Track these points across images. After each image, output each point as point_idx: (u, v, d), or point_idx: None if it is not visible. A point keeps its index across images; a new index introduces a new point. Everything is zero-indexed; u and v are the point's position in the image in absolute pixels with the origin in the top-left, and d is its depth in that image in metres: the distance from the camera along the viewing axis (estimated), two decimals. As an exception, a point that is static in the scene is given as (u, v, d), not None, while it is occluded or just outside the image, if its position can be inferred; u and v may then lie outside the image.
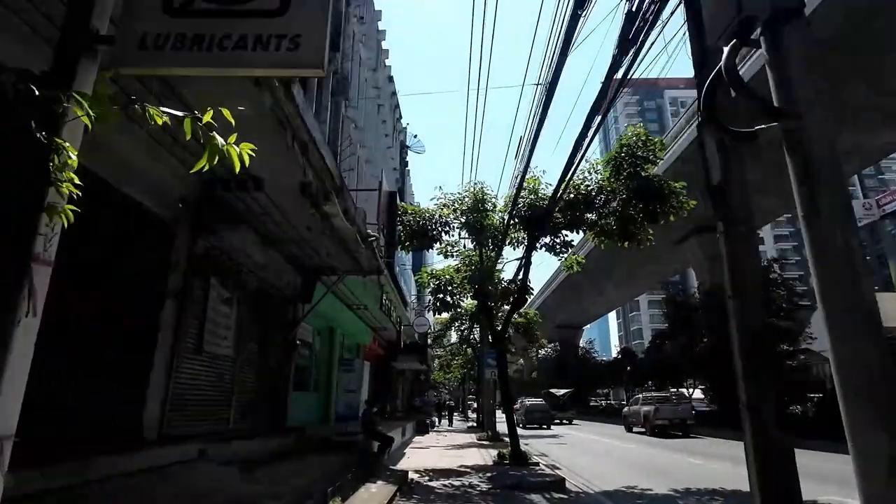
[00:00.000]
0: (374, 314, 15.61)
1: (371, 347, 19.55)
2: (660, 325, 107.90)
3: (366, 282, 11.39)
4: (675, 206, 11.82)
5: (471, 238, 12.98)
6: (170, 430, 6.02)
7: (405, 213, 12.14)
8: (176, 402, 6.16)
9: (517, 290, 12.43)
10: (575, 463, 12.73)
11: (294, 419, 10.65)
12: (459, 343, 29.54)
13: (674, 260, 34.57)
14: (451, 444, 16.91)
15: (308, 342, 12.67)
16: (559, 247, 13.18)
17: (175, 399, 6.13)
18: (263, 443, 8.30)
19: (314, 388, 12.73)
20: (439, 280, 12.85)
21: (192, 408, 6.58)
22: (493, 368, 18.65)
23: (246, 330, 8.34)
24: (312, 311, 12.04)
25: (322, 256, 9.36)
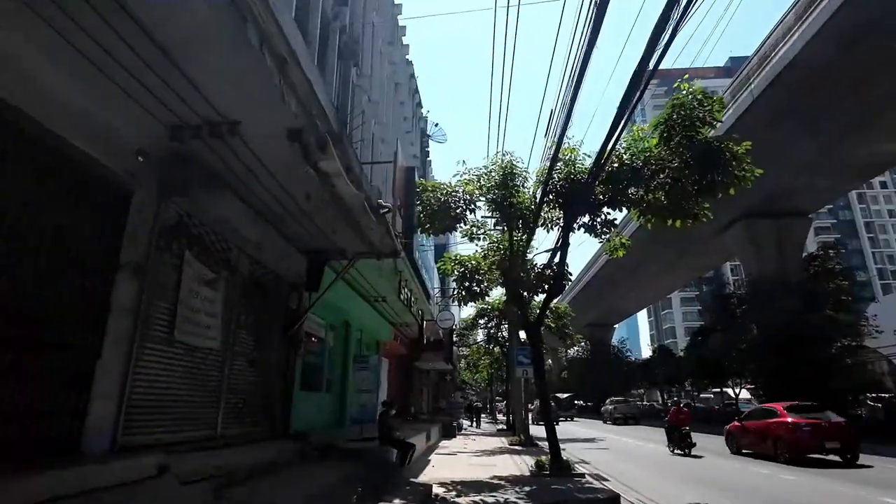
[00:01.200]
0: (394, 307, 14.29)
1: (391, 345, 18.25)
2: (693, 322, 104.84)
3: (381, 266, 10.05)
4: (738, 174, 10.14)
5: (499, 218, 11.52)
6: (129, 438, 4.77)
7: (424, 191, 10.77)
8: (137, 404, 4.90)
9: (553, 275, 10.92)
10: (622, 472, 11.15)
11: (302, 423, 9.39)
12: (486, 341, 28.02)
13: (715, 250, 32.30)
14: (480, 449, 15.47)
15: (319, 337, 11.42)
16: (600, 227, 11.62)
17: (136, 400, 4.88)
18: (258, 451, 7.02)
19: (327, 388, 11.47)
20: (465, 267, 11.43)
21: (162, 411, 5.32)
22: (524, 367, 17.14)
23: (238, 319, 7.09)
24: (323, 303, 10.77)
25: (328, 235, 8.04)
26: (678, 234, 31.65)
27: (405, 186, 11.03)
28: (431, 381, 35.93)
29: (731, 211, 26.29)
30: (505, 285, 11.34)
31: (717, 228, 28.35)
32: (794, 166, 20.98)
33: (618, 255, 12.11)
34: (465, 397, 54.77)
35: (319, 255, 9.13)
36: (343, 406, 11.21)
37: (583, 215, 11.38)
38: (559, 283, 10.77)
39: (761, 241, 25.97)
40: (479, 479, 9.09)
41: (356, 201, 6.72)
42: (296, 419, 8.91)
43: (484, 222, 11.65)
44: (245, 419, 7.21)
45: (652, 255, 34.72)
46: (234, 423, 6.93)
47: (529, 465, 10.66)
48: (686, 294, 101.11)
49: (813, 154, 20.18)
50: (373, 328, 15.15)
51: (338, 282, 10.55)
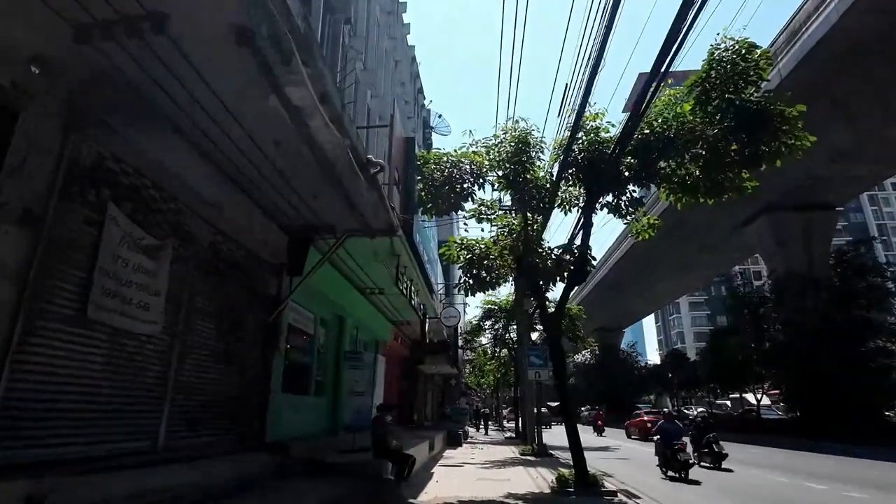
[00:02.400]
0: (394, 303, 12.88)
1: (392, 346, 16.80)
2: (702, 327, 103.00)
3: (376, 248, 8.67)
4: (789, 141, 8.72)
5: (511, 196, 10.12)
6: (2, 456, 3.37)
7: (426, 164, 9.38)
8: (18, 406, 3.51)
9: (574, 261, 9.49)
10: (654, 488, 9.65)
11: (284, 431, 7.98)
12: (493, 343, 26.51)
13: (734, 247, 30.72)
14: (488, 459, 13.97)
15: (307, 332, 10.02)
16: (625, 206, 10.21)
17: (15, 400, 3.49)
18: (220, 467, 5.61)
19: (316, 391, 10.05)
20: (472, 252, 10.01)
21: (63, 415, 3.91)
22: (537, 368, 15.66)
23: (193, 301, 5.70)
24: (310, 292, 9.40)
25: (308, 203, 6.66)
26: (694, 230, 30.34)
27: (404, 159, 9.63)
28: (436, 387, 34.39)
29: (752, 204, 24.76)
30: (519, 273, 9.94)
31: (736, 224, 26.84)
32: (828, 154, 19.47)
33: (644, 238, 10.66)
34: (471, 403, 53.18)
35: (302, 233, 7.75)
36: (335, 412, 9.78)
37: (606, 193, 9.97)
38: (582, 269, 9.33)
39: (787, 235, 24.40)
40: (491, 498, 7.63)
41: (339, 152, 5.34)
42: (276, 427, 7.50)
43: (494, 201, 10.25)
44: (202, 427, 5.80)
45: (667, 253, 33.15)
46: (186, 432, 5.52)
47: (549, 481, 9.18)
48: (695, 298, 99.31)
49: (849, 140, 18.64)
50: (370, 326, 13.73)
51: (325, 266, 9.17)
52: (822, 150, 19.46)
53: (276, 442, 7.16)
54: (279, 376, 8.13)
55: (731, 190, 9.46)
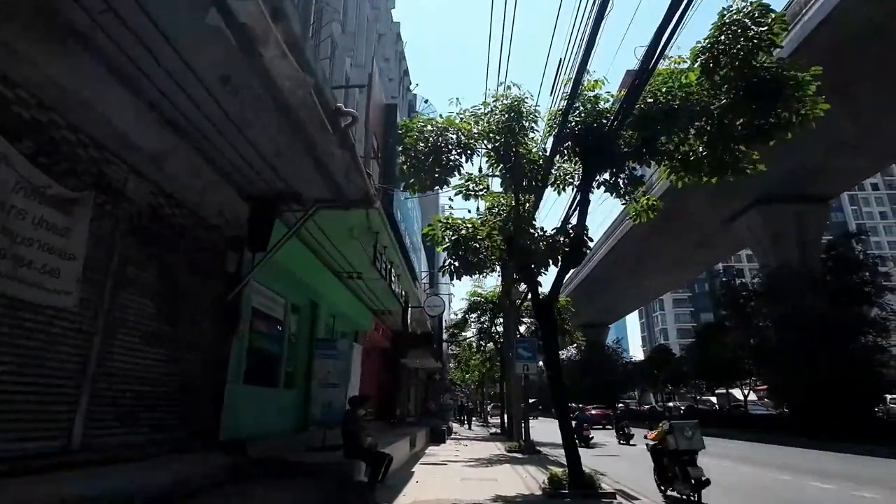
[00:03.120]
0: (373, 288, 11.98)
1: (373, 337, 15.91)
2: (685, 324, 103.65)
3: (352, 224, 7.78)
4: (801, 110, 8.00)
5: (501, 172, 9.29)
6: None
7: (408, 134, 8.49)
8: None
9: (570, 242, 8.70)
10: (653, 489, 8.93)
11: (248, 426, 7.09)
12: (478, 337, 25.73)
13: (723, 242, 30.33)
14: (473, 457, 13.19)
15: (277, 319, 9.10)
16: (624, 184, 9.47)
17: None
18: (157, 470, 4.71)
19: (287, 383, 9.13)
20: (458, 232, 9.16)
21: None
22: (525, 361, 14.91)
23: (124, 272, 4.77)
24: (280, 274, 8.50)
25: (270, 162, 5.75)
26: (684, 225, 29.91)
27: (384, 128, 8.72)
28: (420, 382, 33.55)
29: (744, 197, 24.37)
30: (509, 255, 9.12)
31: (727, 217, 26.40)
32: (826, 143, 18.97)
33: (643, 220, 9.91)
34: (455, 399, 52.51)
35: (266, 201, 6.82)
36: (308, 406, 8.86)
37: (604, 170, 9.20)
38: (578, 251, 8.54)
39: (779, 228, 24.00)
40: (477, 502, 6.82)
41: (301, 94, 4.48)
42: (234, 422, 6.60)
43: (483, 176, 9.40)
44: (135, 422, 4.87)
45: (655, 247, 32.74)
46: (115, 429, 4.60)
47: (540, 481, 8.41)
48: (679, 295, 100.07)
49: (849, 130, 18.13)
50: (349, 314, 12.82)
51: (296, 244, 8.28)
52: (820, 139, 18.97)
53: (233, 440, 6.25)
54: (240, 364, 7.23)
55: (736, 170, 8.74)
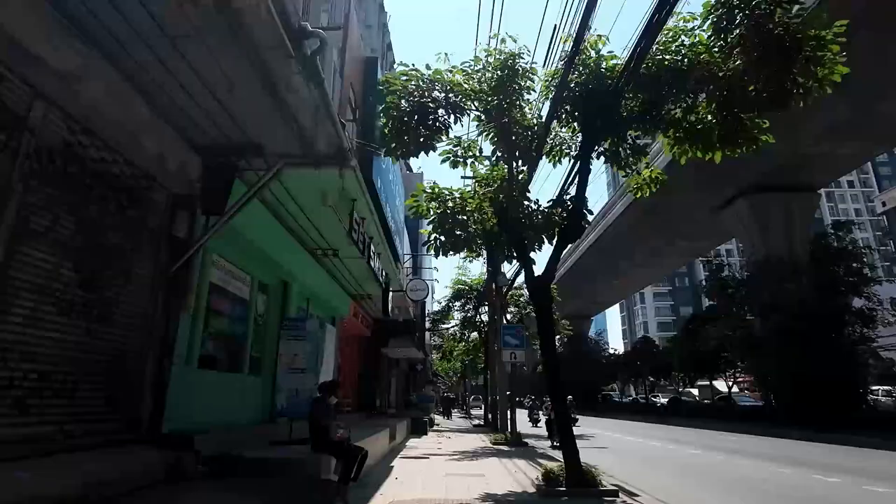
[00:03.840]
0: (351, 268, 11.04)
1: (351, 323, 14.96)
2: (666, 317, 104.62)
3: (324, 187, 6.82)
4: (820, 73, 7.29)
5: (492, 140, 8.40)
6: None
7: (390, 90, 7.54)
8: None
9: (569, 214, 7.88)
10: (658, 486, 8.24)
11: (202, 417, 6.18)
12: (462, 326, 24.95)
13: (709, 232, 29.97)
14: (457, 450, 12.39)
15: (242, 298, 8.12)
16: (625, 154, 8.69)
17: None
18: (54, 472, 3.75)
19: (252, 368, 8.18)
20: (444, 203, 8.26)
21: None
22: (512, 349, 14.15)
23: (25, 221, 3.78)
24: (245, 248, 7.55)
25: (219, 98, 4.77)
26: (670, 215, 29.46)
27: (363, 85, 7.74)
28: (401, 372, 32.69)
29: (731, 185, 23.93)
30: (501, 229, 8.27)
31: (714, 206, 25.96)
32: (821, 128, 18.53)
33: (645, 194, 9.15)
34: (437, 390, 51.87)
35: (222, 155, 5.84)
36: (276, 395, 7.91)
37: (605, 137, 8.39)
38: (576, 225, 7.72)
39: (768, 218, 23.64)
40: (464, 502, 5.99)
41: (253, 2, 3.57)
42: (184, 413, 5.67)
43: (474, 142, 8.50)
44: (40, 411, 3.90)
45: (641, 238, 32.30)
46: (12, 418, 3.63)
47: (533, 477, 7.62)
48: (659, 289, 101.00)
49: (845, 114, 17.60)
50: (325, 298, 11.86)
51: (261, 213, 7.33)
52: (814, 123, 18.55)
53: (178, 433, 5.30)
54: (192, 347, 6.28)
55: (746, 141, 8.00)
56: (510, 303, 21.56)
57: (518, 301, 23.38)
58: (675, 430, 19.99)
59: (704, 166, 20.08)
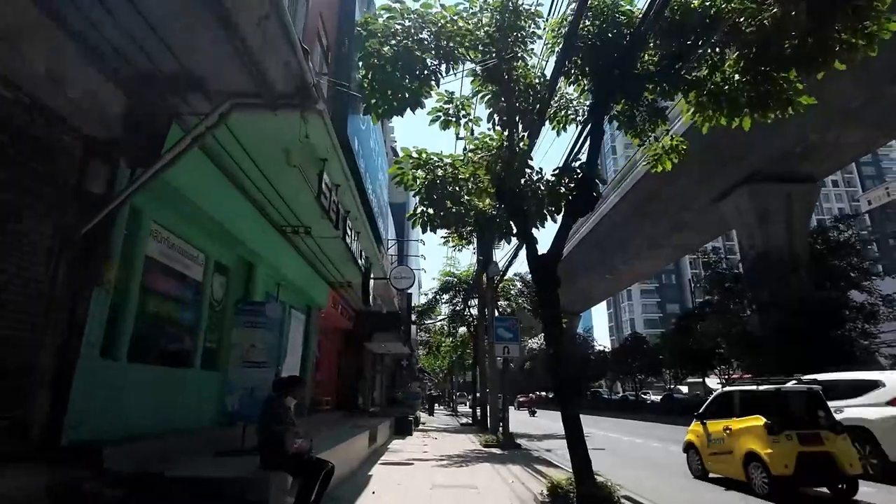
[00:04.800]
0: (328, 252, 9.83)
1: (331, 315, 13.73)
2: (654, 314, 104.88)
3: (288, 144, 5.60)
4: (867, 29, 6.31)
5: (489, 101, 7.23)
6: None
7: (370, 34, 6.33)
8: None
9: (579, 183, 6.75)
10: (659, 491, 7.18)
11: (133, 423, 4.93)
12: (450, 320, 23.81)
13: (706, 224, 29.14)
14: (445, 453, 11.26)
15: (193, 279, 6.87)
16: (642, 118, 7.62)
17: None
18: None
19: (206, 362, 6.93)
20: (433, 172, 7.08)
21: None
22: (505, 343, 13.04)
23: None
24: (202, 222, 6.33)
25: (141, 6, 3.54)
26: (667, 206, 28.56)
27: (338, 26, 6.50)
28: (386, 369, 31.48)
29: (732, 174, 23.07)
30: (499, 199, 7.13)
31: (713, 196, 25.11)
32: (828, 113, 17.61)
33: (663, 167, 8.03)
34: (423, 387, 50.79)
35: (153, 91, 4.59)
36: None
37: (619, 96, 7.27)
38: (588, 194, 6.60)
39: (768, 209, 22.83)
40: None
41: None
42: (99, 417, 4.45)
43: (468, 100, 7.29)
44: None
45: (635, 231, 31.39)
46: None
47: (537, 492, 6.50)
48: (647, 286, 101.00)
49: (857, 96, 16.67)
50: (298, 284, 10.61)
51: (214, 176, 6.11)
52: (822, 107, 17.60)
53: (83, 444, 4.07)
54: (115, 334, 5.04)
55: (779, 104, 6.94)
56: (501, 295, 20.48)
57: (509, 294, 22.32)
58: (672, 428, 19.06)
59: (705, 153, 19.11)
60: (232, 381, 5.82)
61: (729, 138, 18.94)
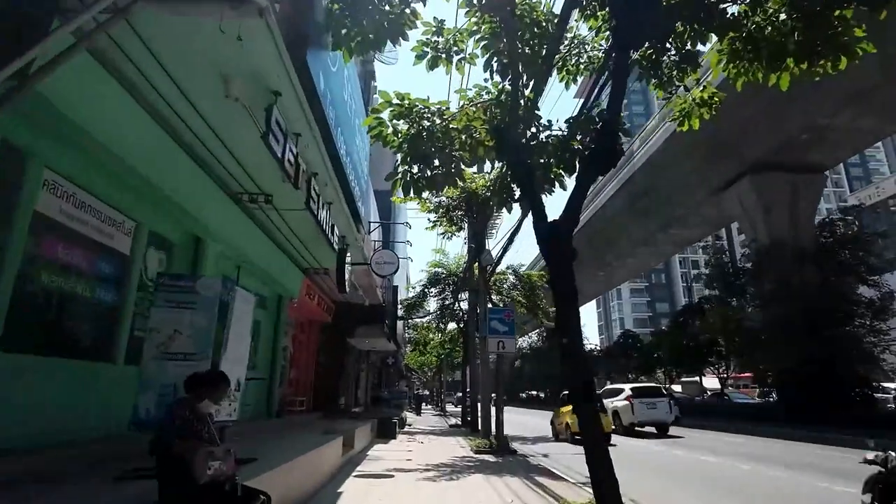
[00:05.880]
0: (296, 228, 8.46)
1: (306, 306, 12.32)
2: (643, 313, 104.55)
3: (225, 67, 4.23)
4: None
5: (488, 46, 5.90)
6: None
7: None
8: None
9: (599, 135, 5.47)
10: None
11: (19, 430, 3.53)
12: (439, 315, 22.47)
13: (704, 219, 28.10)
14: (431, 461, 9.92)
15: (114, 251, 5.47)
16: (670, 65, 6.39)
17: None
18: None
19: (131, 356, 5.53)
20: (417, 122, 5.76)
21: None
22: (500, 337, 11.74)
23: None
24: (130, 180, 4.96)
25: None
26: (666, 197, 27.43)
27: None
28: (372, 367, 30.11)
29: (736, 163, 22.00)
30: (499, 154, 5.81)
31: (717, 186, 24.00)
32: (843, 95, 16.57)
33: (691, 125, 6.75)
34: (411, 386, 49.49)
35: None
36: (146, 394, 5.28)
37: (643, 37, 6.00)
38: (611, 146, 5.31)
39: (773, 200, 21.78)
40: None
41: None
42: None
43: (462, 32, 5.96)
44: None
45: (631, 224, 30.26)
46: None
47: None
48: (636, 285, 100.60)
49: (872, 77, 15.48)
50: (264, 267, 9.21)
51: (139, 117, 4.71)
52: (838, 89, 16.57)
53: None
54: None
55: (833, 51, 5.70)
56: (493, 289, 19.20)
57: (501, 288, 21.05)
58: (672, 429, 17.90)
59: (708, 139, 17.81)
60: (147, 377, 4.45)
61: (730, 125, 17.87)
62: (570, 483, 7.51)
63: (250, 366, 9.78)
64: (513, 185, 6.24)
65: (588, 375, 5.01)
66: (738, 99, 10.13)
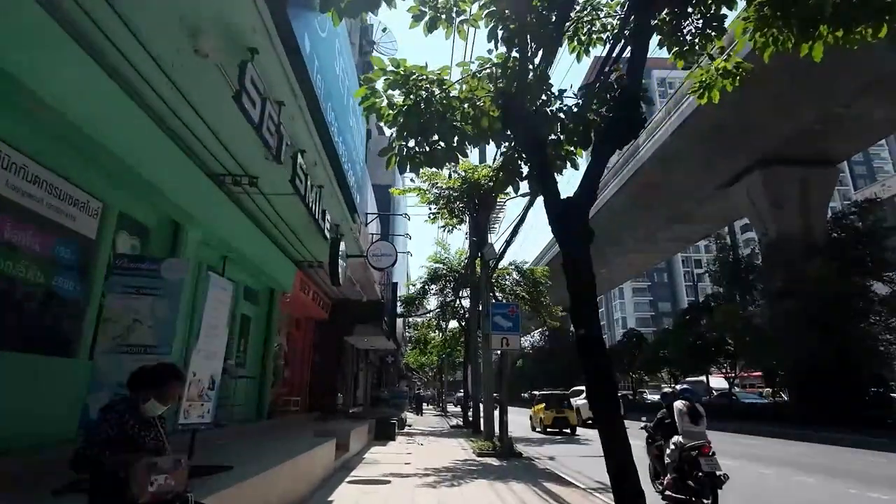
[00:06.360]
0: (286, 215, 7.88)
1: (300, 301, 11.72)
2: (645, 313, 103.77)
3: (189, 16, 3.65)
4: None
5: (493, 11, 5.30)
6: None
7: None
8: None
9: (618, 104, 4.87)
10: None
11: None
12: (440, 312, 21.86)
13: (709, 215, 27.46)
14: (431, 465, 9.34)
15: (76, 234, 4.89)
16: (690, 33, 5.81)
17: None
18: None
19: (92, 351, 4.95)
20: (414, 92, 5.17)
21: None
22: (504, 333, 11.15)
23: None
24: (96, 156, 4.40)
25: None
26: (671, 193, 26.82)
27: None
28: (371, 366, 29.50)
29: (745, 157, 21.40)
30: (506, 125, 5.23)
31: (725, 180, 23.38)
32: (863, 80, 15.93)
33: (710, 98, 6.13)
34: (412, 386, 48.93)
35: None
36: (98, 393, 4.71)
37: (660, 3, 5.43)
38: (634, 115, 4.72)
39: (783, 193, 21.17)
40: None
41: None
42: None
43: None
44: None
45: (635, 220, 29.67)
46: None
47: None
48: (638, 284, 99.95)
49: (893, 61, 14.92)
50: (253, 259, 8.60)
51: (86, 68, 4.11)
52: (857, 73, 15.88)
53: None
54: None
55: (878, 14, 5.06)
56: (496, 286, 18.59)
57: (504, 285, 20.45)
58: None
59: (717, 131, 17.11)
60: (100, 373, 3.87)
61: (739, 116, 17.24)
62: (581, 490, 6.93)
63: (240, 363, 9.28)
64: (520, 160, 5.64)
65: (609, 375, 4.41)
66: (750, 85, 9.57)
